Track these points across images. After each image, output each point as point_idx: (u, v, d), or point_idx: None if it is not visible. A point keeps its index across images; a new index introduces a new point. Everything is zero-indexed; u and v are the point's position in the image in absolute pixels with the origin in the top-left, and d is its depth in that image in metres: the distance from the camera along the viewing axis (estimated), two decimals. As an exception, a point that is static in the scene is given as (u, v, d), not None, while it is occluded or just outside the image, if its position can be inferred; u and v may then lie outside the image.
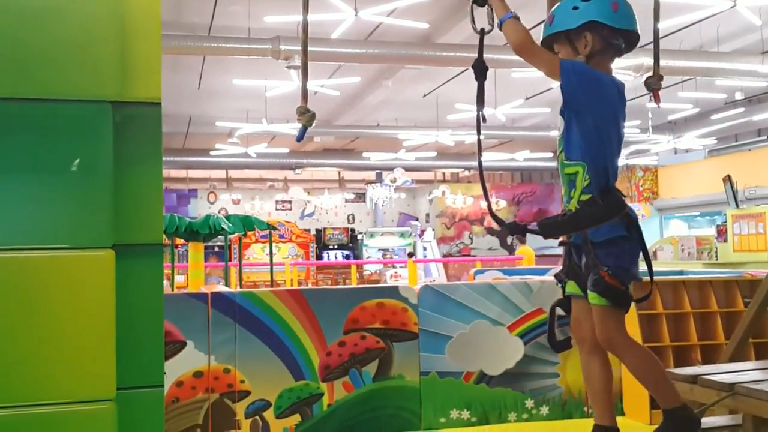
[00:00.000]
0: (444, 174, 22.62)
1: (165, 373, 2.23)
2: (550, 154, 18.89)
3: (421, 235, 17.52)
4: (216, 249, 13.91)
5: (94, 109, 2.06)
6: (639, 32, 2.51)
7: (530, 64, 2.47)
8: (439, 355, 4.08)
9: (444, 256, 18.57)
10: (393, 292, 4.09)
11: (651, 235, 16.14)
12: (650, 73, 2.93)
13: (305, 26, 2.32)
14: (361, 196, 22.84)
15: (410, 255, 12.43)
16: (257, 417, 3.80)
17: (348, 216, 23.58)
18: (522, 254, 10.68)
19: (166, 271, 8.32)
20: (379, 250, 16.73)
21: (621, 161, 15.12)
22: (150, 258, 2.11)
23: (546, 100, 12.86)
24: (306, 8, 2.42)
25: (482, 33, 2.50)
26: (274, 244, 15.10)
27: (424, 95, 13.12)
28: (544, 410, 4.16)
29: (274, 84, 10.43)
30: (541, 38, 2.57)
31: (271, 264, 7.49)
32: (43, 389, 1.97)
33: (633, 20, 2.48)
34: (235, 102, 13.16)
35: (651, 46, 3.03)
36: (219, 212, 19.86)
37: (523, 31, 2.39)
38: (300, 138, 2.38)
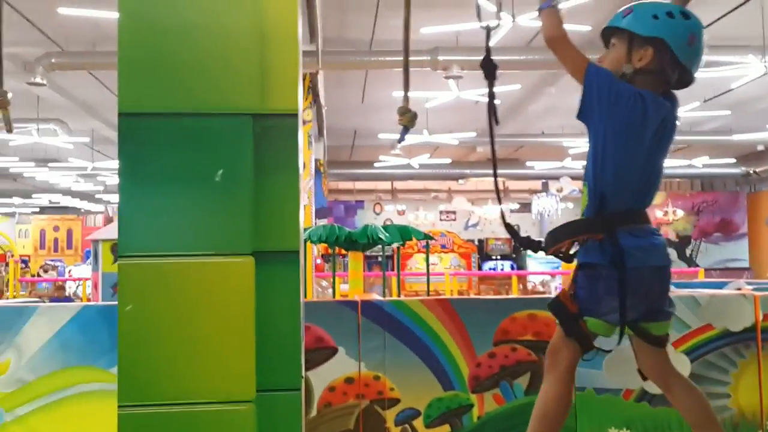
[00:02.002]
0: (613, 182, 21.70)
1: (303, 377, 2.29)
2: (732, 160, 17.64)
3: (588, 246, 16.86)
4: (379, 259, 14.19)
5: (237, 121, 2.16)
6: (695, 77, 2.32)
7: (558, 59, 2.33)
8: (595, 371, 3.89)
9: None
10: (546, 303, 3.96)
11: None
12: None
13: (407, 22, 2.28)
14: (526, 207, 22.46)
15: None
16: (407, 425, 3.81)
17: (514, 226, 23.21)
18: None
19: (329, 281, 8.59)
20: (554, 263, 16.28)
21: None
22: (287, 264, 2.18)
23: (726, 102, 12.00)
24: (408, 6, 2.37)
25: (488, 29, 2.42)
26: (436, 255, 15.21)
27: (590, 101, 12.69)
28: (714, 434, 3.85)
29: (434, 95, 10.50)
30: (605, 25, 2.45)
31: (428, 273, 7.54)
32: (188, 389, 2.08)
33: (698, 61, 2.30)
34: (396, 114, 13.39)
35: None
36: (384, 223, 20.30)
37: (559, 23, 2.31)
38: (401, 139, 2.37)
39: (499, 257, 17.46)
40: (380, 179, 19.92)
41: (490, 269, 16.79)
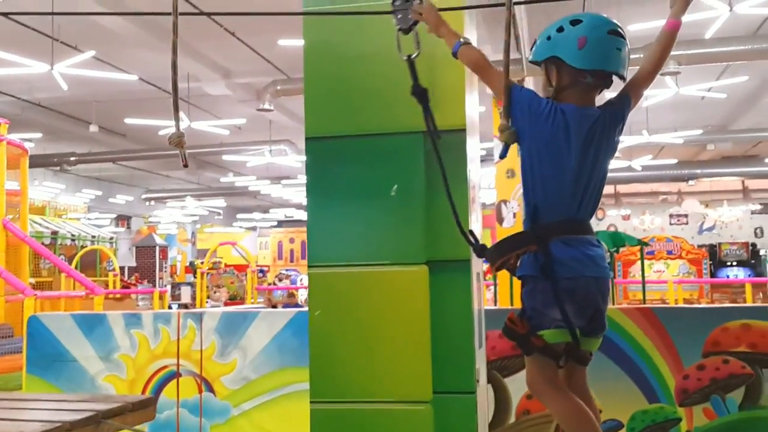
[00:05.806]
0: None
1: (478, 381, 2.36)
2: None
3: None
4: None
5: (409, 139, 2.30)
6: (621, 71, 2.26)
7: (486, 84, 2.35)
8: None
9: None
10: (763, 312, 3.68)
11: None
12: None
13: (508, 24, 2.27)
14: (768, 207, 20.57)
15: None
16: (609, 437, 3.72)
17: (755, 230, 21.35)
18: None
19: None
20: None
21: None
22: (459, 273, 2.28)
23: None
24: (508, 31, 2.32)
25: (410, 59, 2.34)
26: (662, 261, 14.39)
27: (836, 89, 11.39)
28: None
29: (653, 93, 10.01)
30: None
31: (643, 282, 7.25)
32: (371, 388, 2.25)
33: (604, 58, 2.23)
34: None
35: None
36: (608, 228, 19.55)
37: (475, 54, 2.31)
38: (502, 155, 2.40)
39: (734, 263, 16.09)
40: (602, 183, 19.22)
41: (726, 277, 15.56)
